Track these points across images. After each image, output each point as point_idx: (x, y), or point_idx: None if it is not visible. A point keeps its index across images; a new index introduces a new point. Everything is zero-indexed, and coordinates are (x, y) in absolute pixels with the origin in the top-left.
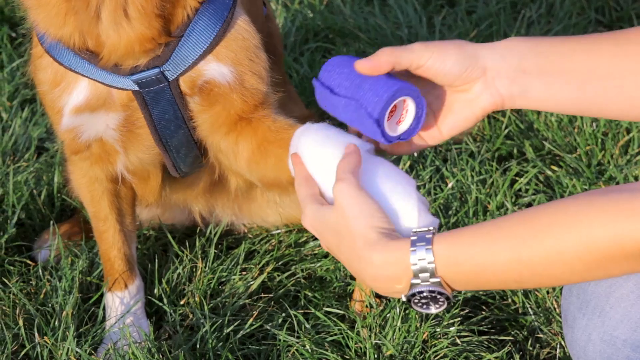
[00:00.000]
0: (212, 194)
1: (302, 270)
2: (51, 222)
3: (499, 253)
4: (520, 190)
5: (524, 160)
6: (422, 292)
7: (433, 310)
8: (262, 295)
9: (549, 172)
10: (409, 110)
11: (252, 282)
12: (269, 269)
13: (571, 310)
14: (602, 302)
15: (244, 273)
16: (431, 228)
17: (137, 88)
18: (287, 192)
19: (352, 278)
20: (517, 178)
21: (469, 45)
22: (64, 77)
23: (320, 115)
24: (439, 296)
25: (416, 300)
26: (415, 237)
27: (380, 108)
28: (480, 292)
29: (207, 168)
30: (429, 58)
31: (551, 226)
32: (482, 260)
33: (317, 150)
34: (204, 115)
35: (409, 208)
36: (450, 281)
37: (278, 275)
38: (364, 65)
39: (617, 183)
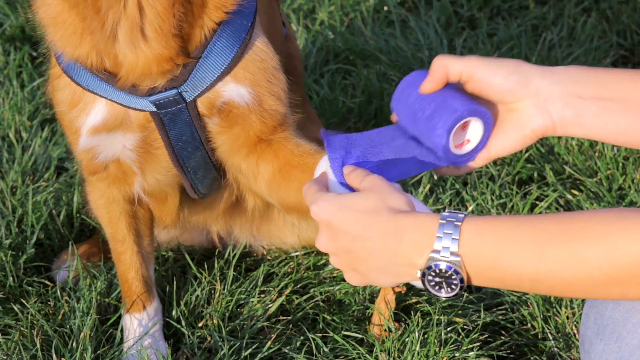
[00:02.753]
0: (231, 214)
1: (320, 293)
2: (70, 242)
3: (523, 244)
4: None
5: (544, 184)
6: (438, 266)
7: (443, 294)
8: (281, 318)
9: (569, 197)
10: (475, 132)
11: (270, 305)
12: (287, 291)
13: (588, 336)
14: (619, 328)
15: (262, 295)
16: (465, 212)
17: (154, 109)
18: (306, 217)
19: (371, 301)
20: (537, 202)
21: (527, 64)
22: (81, 98)
23: None
24: (453, 276)
25: (430, 278)
26: (447, 213)
27: (450, 123)
28: (500, 317)
29: (225, 189)
30: (480, 68)
31: (581, 232)
32: (504, 247)
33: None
34: (223, 136)
35: None
36: (468, 265)
37: (296, 298)
38: (424, 85)
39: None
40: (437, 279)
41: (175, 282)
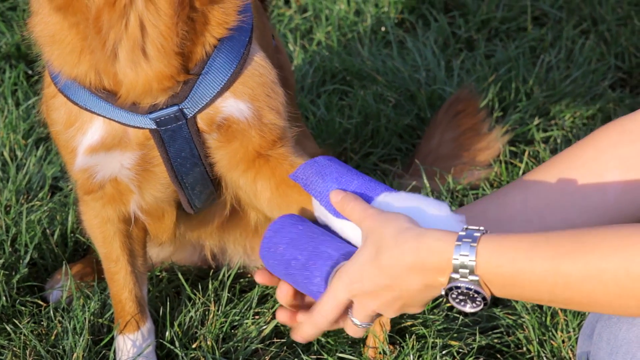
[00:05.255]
0: (224, 229)
1: None
2: (64, 262)
3: (539, 261)
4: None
5: None
6: (459, 287)
7: (468, 309)
8: (275, 340)
9: None
10: None
11: (264, 327)
12: None
13: (600, 356)
14: (633, 349)
15: (256, 317)
16: (482, 228)
17: (154, 126)
18: None
19: None
20: None
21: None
22: (78, 117)
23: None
24: (476, 295)
25: (454, 296)
26: (463, 233)
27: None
28: (495, 340)
29: (220, 203)
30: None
31: (597, 245)
32: (521, 266)
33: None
34: (222, 151)
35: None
36: (488, 282)
37: None
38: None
39: None
40: (460, 297)
41: (169, 303)
